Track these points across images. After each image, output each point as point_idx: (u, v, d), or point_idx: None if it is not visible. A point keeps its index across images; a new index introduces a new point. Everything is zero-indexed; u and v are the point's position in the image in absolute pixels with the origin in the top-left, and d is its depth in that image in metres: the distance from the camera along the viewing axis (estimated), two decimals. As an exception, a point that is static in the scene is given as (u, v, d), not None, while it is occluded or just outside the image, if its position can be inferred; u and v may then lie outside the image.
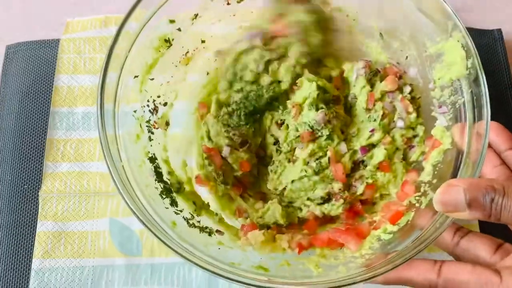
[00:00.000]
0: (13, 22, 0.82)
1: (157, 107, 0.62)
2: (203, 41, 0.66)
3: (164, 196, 0.56)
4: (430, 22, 0.58)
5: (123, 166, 0.51)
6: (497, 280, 0.43)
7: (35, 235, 0.65)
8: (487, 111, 0.51)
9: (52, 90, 0.74)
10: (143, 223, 0.48)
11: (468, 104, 0.53)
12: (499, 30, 0.79)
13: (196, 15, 0.63)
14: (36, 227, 0.66)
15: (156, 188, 0.56)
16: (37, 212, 0.67)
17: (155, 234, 0.47)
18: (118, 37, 0.54)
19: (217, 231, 0.58)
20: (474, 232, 0.51)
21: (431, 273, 0.47)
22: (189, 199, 0.59)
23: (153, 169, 0.57)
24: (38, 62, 0.76)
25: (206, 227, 0.57)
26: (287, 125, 0.65)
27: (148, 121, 0.60)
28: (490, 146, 0.58)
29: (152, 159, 0.58)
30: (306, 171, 0.61)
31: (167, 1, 0.57)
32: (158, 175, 0.57)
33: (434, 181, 0.55)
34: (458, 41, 0.54)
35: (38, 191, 0.68)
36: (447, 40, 0.55)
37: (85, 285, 0.63)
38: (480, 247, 0.49)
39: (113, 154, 0.51)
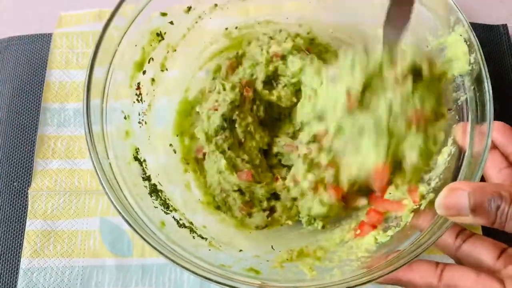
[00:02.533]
0: (5, 15, 0.81)
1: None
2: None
3: (153, 196, 0.54)
4: (432, 16, 0.55)
5: (110, 163, 0.50)
6: None
7: (24, 234, 0.64)
8: (490, 108, 0.49)
9: (43, 85, 0.72)
10: (129, 224, 0.46)
11: (471, 101, 0.51)
12: (505, 26, 0.77)
13: (189, 8, 0.61)
14: (25, 225, 0.64)
15: (146, 186, 0.54)
16: (27, 210, 0.65)
17: (141, 236, 0.45)
18: (106, 30, 0.53)
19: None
20: (477, 235, 0.49)
21: (432, 276, 0.45)
22: None
23: (141, 167, 0.55)
24: (30, 56, 0.75)
25: (193, 227, 0.55)
26: None
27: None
28: (496, 147, 0.55)
29: (141, 157, 0.56)
30: None
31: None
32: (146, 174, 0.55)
33: (435, 181, 0.52)
34: (460, 35, 0.52)
35: (27, 189, 0.66)
36: (449, 35, 0.53)
37: (74, 286, 0.61)
38: (483, 252, 0.47)
39: (99, 151, 0.49)
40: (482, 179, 0.49)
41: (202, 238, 0.54)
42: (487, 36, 0.76)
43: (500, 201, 0.41)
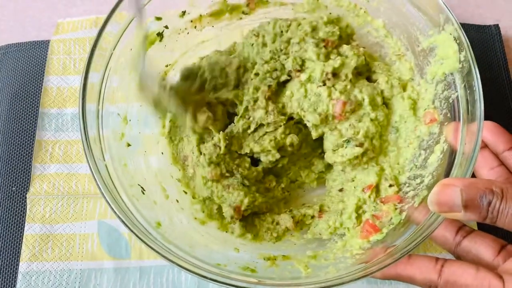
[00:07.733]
0: (3, 23, 0.82)
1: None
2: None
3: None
4: (422, 15, 0.56)
5: (106, 165, 0.50)
6: (499, 285, 0.42)
7: (22, 238, 0.64)
8: (480, 105, 0.49)
9: (41, 91, 0.73)
10: (125, 224, 0.46)
11: (462, 99, 0.52)
12: (497, 26, 0.78)
13: (183, 12, 0.62)
14: (23, 229, 0.65)
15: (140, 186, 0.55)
16: (25, 215, 0.65)
17: (137, 236, 0.46)
18: (100, 35, 0.54)
19: None
20: (477, 231, 0.49)
21: (432, 272, 0.45)
22: None
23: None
24: (28, 63, 0.75)
25: None
26: None
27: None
28: (487, 147, 0.56)
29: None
30: None
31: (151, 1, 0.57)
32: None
33: (428, 178, 0.53)
34: (450, 34, 0.53)
35: (26, 193, 0.67)
36: (439, 34, 0.54)
37: (73, 289, 0.62)
38: (483, 248, 0.48)
39: (95, 153, 0.49)
40: (474, 177, 0.49)
41: None
42: (479, 36, 0.77)
43: (492, 196, 0.41)
